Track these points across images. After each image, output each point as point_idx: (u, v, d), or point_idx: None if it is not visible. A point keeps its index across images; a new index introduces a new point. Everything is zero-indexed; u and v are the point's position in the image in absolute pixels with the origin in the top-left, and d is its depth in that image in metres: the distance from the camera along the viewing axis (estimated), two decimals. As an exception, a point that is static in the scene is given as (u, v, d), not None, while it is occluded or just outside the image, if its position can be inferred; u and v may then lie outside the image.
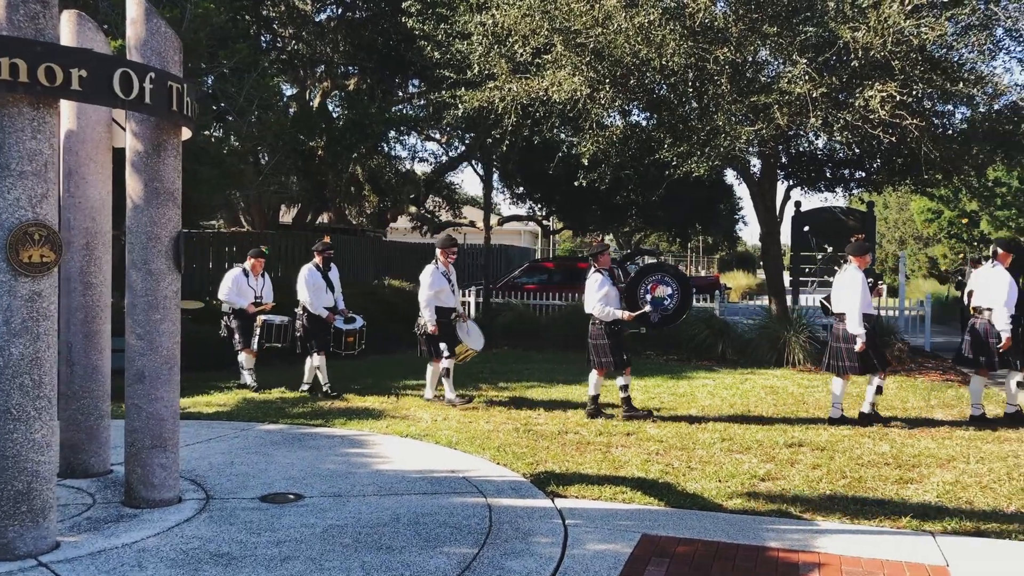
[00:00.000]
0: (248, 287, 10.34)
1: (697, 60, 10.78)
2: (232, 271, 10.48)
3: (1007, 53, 11.51)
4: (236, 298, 10.21)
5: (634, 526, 5.15)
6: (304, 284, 9.77)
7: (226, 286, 10.27)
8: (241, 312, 10.22)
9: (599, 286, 8.70)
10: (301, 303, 9.84)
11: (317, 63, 18.29)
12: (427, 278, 9.22)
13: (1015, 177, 22.08)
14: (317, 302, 9.78)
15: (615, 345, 8.67)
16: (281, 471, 6.25)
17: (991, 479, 6.40)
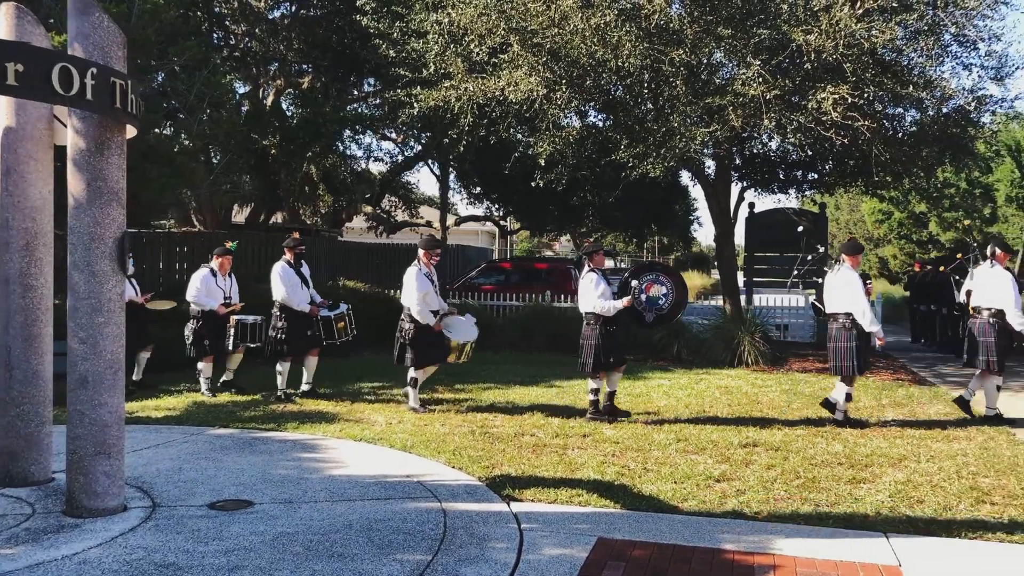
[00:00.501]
0: (217, 287, 9.98)
1: (653, 61, 10.80)
2: (200, 271, 10.05)
3: (954, 58, 11.69)
4: (206, 299, 9.84)
5: (590, 529, 5.12)
6: (280, 281, 9.46)
7: (194, 287, 9.86)
8: (211, 314, 9.86)
9: (596, 284, 8.68)
10: (278, 302, 9.53)
11: (270, 61, 18.04)
12: (412, 281, 8.83)
13: (963, 179, 22.53)
14: (297, 298, 9.48)
15: (610, 346, 8.65)
16: (231, 477, 6.12)
17: (941, 478, 6.48)
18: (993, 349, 8.86)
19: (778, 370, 12.50)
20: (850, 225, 33.34)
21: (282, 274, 9.50)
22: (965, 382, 11.82)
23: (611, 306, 8.62)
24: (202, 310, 9.83)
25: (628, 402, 9.72)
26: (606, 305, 8.61)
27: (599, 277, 8.74)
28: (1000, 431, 8.33)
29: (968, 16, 10.56)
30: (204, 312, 9.83)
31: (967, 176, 21.80)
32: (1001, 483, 6.38)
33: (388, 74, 13.52)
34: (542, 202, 22.40)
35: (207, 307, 9.83)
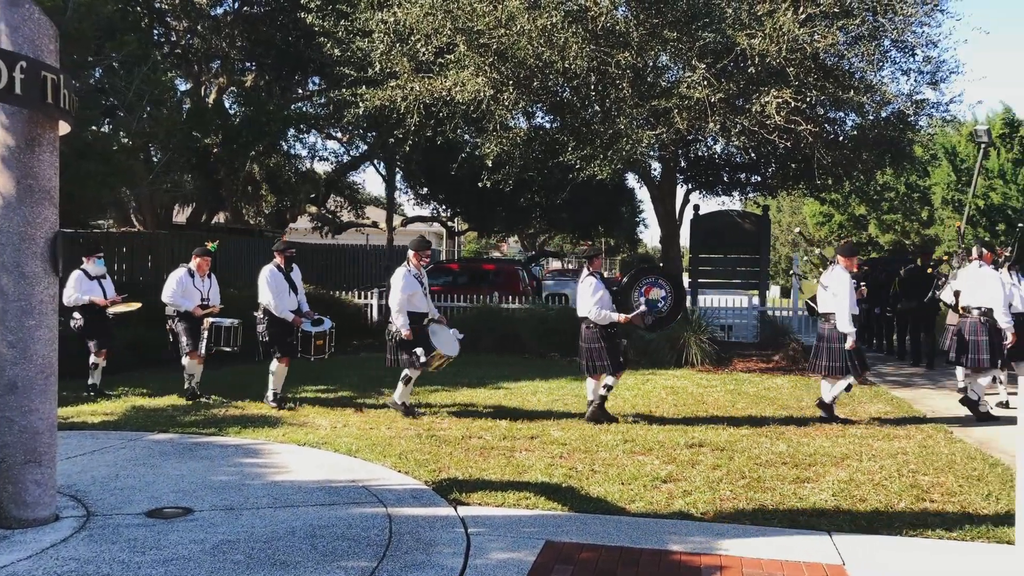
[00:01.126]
0: (194, 288, 9.72)
1: (599, 64, 10.83)
2: (177, 271, 9.80)
3: (893, 63, 11.94)
4: (181, 300, 9.60)
5: (538, 533, 5.08)
6: (266, 286, 9.15)
7: (170, 287, 9.62)
8: (187, 315, 9.61)
9: (594, 290, 8.66)
10: (263, 306, 9.21)
11: (213, 58, 17.69)
12: (399, 281, 8.66)
13: (902, 182, 23.05)
14: (281, 305, 9.16)
15: (611, 348, 8.64)
16: (170, 484, 5.95)
17: (883, 476, 6.58)
18: (984, 347, 9.12)
19: (723, 370, 12.62)
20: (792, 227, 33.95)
21: (270, 279, 9.19)
22: (906, 381, 12.11)
23: (605, 315, 8.62)
24: (178, 311, 9.60)
25: (576, 403, 9.72)
26: (601, 313, 8.62)
27: (598, 282, 8.75)
28: (939, 430, 8.50)
29: (907, 22, 10.80)
30: (180, 313, 9.60)
31: (906, 179, 22.30)
32: (940, 480, 6.50)
33: (333, 73, 13.35)
34: (490, 203, 22.36)
35: (183, 308, 9.58)
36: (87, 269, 9.96)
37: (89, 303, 9.80)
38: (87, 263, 10.01)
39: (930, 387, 11.60)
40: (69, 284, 9.78)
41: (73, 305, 9.79)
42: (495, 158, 12.23)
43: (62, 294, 9.85)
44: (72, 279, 9.83)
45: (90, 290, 9.86)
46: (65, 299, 9.76)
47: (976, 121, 22.30)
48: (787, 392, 10.76)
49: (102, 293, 9.95)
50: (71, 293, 9.74)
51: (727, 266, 16.65)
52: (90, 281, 9.92)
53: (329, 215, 23.47)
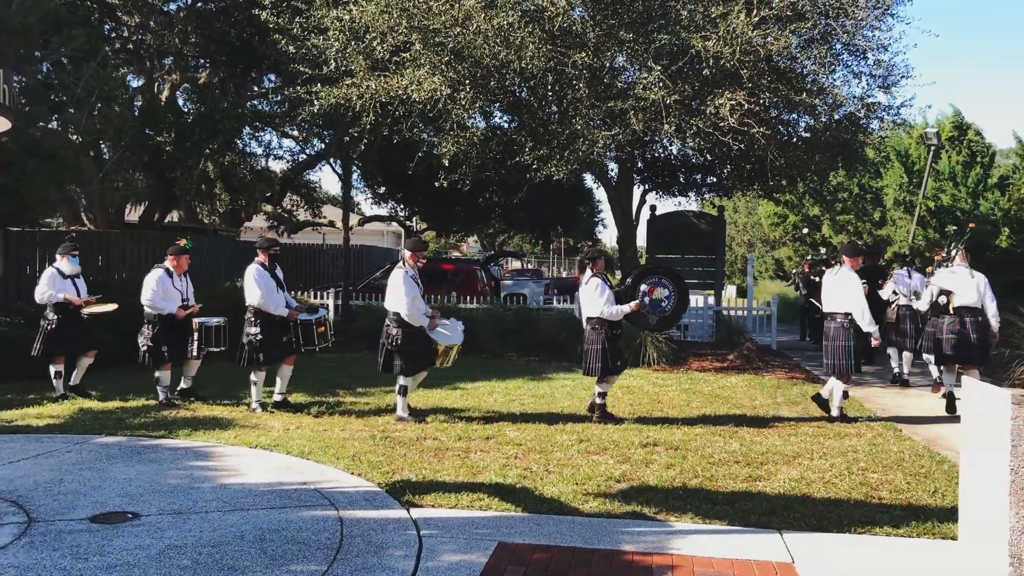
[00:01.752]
0: (174, 288, 9.29)
1: (556, 64, 10.84)
2: (154, 272, 9.30)
3: (845, 66, 12.09)
4: (163, 302, 9.14)
5: (491, 534, 5.06)
6: (255, 284, 8.78)
7: (149, 289, 9.13)
8: (170, 318, 9.17)
9: (601, 290, 8.73)
10: (253, 306, 8.82)
11: (165, 55, 17.40)
12: (400, 284, 8.40)
13: (855, 183, 23.42)
14: (273, 302, 8.83)
15: (614, 350, 8.71)
16: (117, 488, 5.83)
17: (833, 474, 6.66)
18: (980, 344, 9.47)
19: (678, 369, 12.71)
20: (748, 227, 34.33)
21: (257, 277, 8.84)
22: (858, 380, 12.27)
23: (618, 311, 8.73)
24: (159, 314, 9.15)
25: (532, 403, 9.73)
26: (613, 310, 8.70)
27: (603, 282, 8.80)
28: (888, 428, 8.64)
29: (857, 26, 10.95)
30: (161, 316, 9.15)
31: (859, 180, 22.66)
32: (888, 478, 6.60)
33: (288, 70, 13.20)
34: (448, 203, 22.29)
35: (165, 311, 9.15)
36: (61, 267, 9.57)
37: (64, 301, 9.45)
38: (61, 261, 9.62)
39: (880, 386, 11.80)
40: (42, 281, 9.48)
41: (46, 303, 9.46)
42: (452, 157, 12.18)
43: (35, 291, 9.63)
44: (45, 276, 9.51)
45: (64, 288, 9.50)
46: (38, 296, 9.50)
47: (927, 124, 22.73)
48: (741, 391, 10.86)
49: (76, 292, 9.61)
50: (44, 290, 9.41)
51: (683, 266, 16.73)
52: (64, 279, 9.54)
53: (285, 214, 23.23)
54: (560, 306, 16.35)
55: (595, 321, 8.77)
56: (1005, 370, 12.18)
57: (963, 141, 22.70)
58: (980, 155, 22.29)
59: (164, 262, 9.47)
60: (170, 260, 9.44)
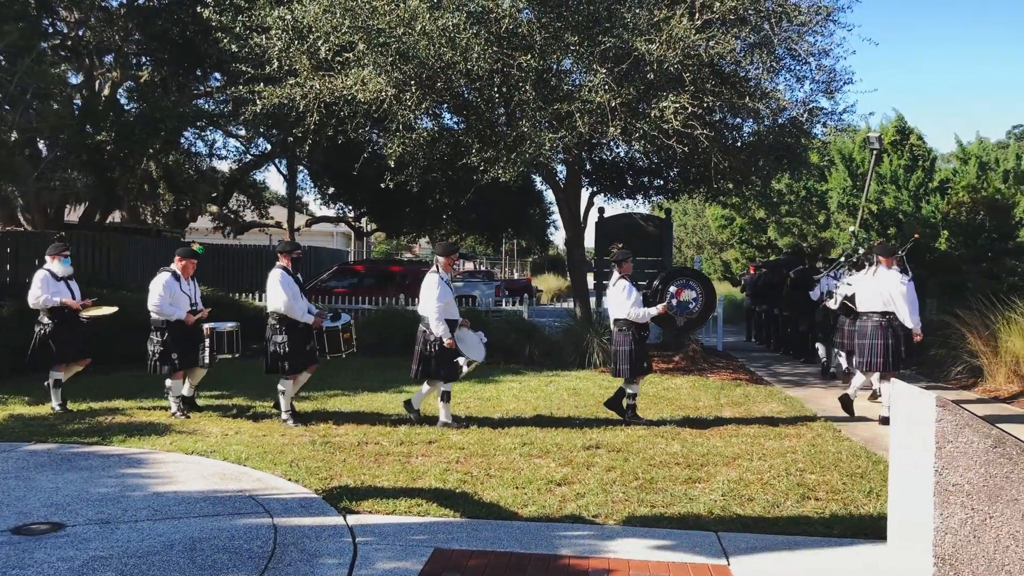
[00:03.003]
0: (182, 293, 8.86)
1: (503, 66, 10.82)
2: (161, 276, 8.80)
3: (788, 71, 12.25)
4: (171, 308, 8.70)
5: (427, 540, 5.01)
6: (280, 289, 8.44)
7: (156, 294, 8.67)
8: (178, 324, 8.76)
9: (628, 292, 8.78)
10: (277, 312, 8.49)
11: (105, 52, 17.01)
12: (434, 289, 8.35)
13: (800, 186, 23.74)
14: (298, 308, 8.53)
15: (640, 352, 8.78)
16: (43, 497, 5.67)
17: (771, 476, 6.73)
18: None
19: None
20: (697, 229, 34.66)
21: (282, 282, 8.49)
22: (799, 381, 12.46)
23: (645, 313, 8.83)
24: (167, 320, 8.72)
25: (478, 405, 9.70)
26: (640, 312, 8.78)
27: (630, 284, 8.84)
28: (828, 428, 8.76)
29: (800, 32, 11.10)
30: (170, 323, 8.73)
31: (804, 184, 22.96)
32: (825, 479, 6.69)
33: (231, 69, 12.99)
34: (396, 204, 22.13)
35: (174, 317, 8.72)
36: (52, 269, 9.09)
37: (60, 305, 8.98)
38: (52, 262, 9.13)
39: (822, 387, 11.97)
40: (34, 284, 8.99)
41: (41, 308, 8.99)
42: (398, 159, 12.08)
43: (27, 295, 9.11)
44: (37, 279, 9.00)
45: (59, 291, 9.02)
46: (31, 301, 9.01)
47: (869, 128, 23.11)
48: (685, 392, 10.94)
49: (71, 295, 9.15)
50: (38, 294, 8.93)
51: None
52: (57, 282, 9.06)
53: (231, 215, 22.88)
54: (510, 308, 16.33)
55: (622, 323, 8.86)
56: (942, 370, 12.47)
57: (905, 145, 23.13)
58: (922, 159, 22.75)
59: (171, 265, 9.02)
60: (178, 263, 8.99)
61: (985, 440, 3.73)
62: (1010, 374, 11.17)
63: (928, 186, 20.81)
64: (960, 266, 16.38)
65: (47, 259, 9.25)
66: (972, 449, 3.74)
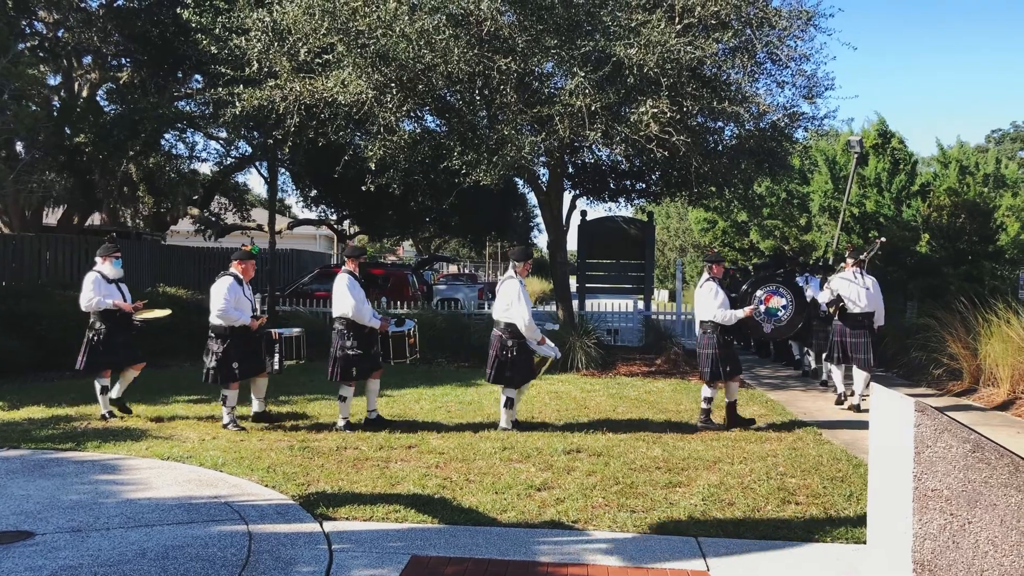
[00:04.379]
0: (245, 298, 8.48)
1: (484, 69, 10.77)
2: (224, 280, 8.39)
3: (769, 76, 12.26)
4: (236, 313, 8.29)
5: (404, 547, 4.95)
6: (349, 293, 8.30)
7: (221, 298, 8.24)
8: (244, 331, 8.36)
9: (715, 293, 8.77)
10: (346, 317, 8.35)
11: (84, 53, 16.85)
12: (520, 292, 8.32)
13: (782, 190, 23.84)
14: (366, 313, 8.40)
15: (726, 355, 8.75)
16: (13, 505, 5.57)
17: (752, 479, 6.71)
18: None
19: (607, 374, 12.74)
20: (680, 232, 34.77)
21: (350, 286, 8.36)
22: (781, 384, 12.48)
23: (731, 315, 8.78)
24: (231, 327, 8.31)
25: (460, 410, 9.64)
26: (727, 315, 8.75)
27: (718, 286, 8.84)
28: (809, 432, 8.75)
29: (781, 37, 11.10)
30: (233, 329, 8.32)
31: (785, 187, 23.06)
32: (806, 483, 6.67)
33: (211, 71, 12.88)
34: (379, 206, 22.04)
35: (239, 323, 8.31)
36: (103, 271, 8.82)
37: (112, 308, 8.72)
38: (103, 264, 8.86)
39: (802, 390, 11.98)
40: (86, 287, 8.72)
41: (93, 310, 8.73)
42: (379, 161, 12.01)
43: (79, 299, 8.85)
44: (89, 282, 8.73)
45: (111, 293, 8.76)
46: (83, 304, 8.74)
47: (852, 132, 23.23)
48: (667, 396, 10.92)
49: (123, 297, 8.89)
50: (90, 296, 8.66)
51: (614, 271, 16.89)
52: (108, 284, 8.80)
53: (212, 217, 22.72)
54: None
55: (708, 325, 8.87)
56: (922, 373, 12.51)
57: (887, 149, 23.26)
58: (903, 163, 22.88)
59: (230, 268, 8.63)
60: (237, 266, 8.60)
61: (964, 445, 3.71)
62: (989, 377, 11.21)
63: (909, 189, 20.94)
64: (941, 268, 16.47)
65: (97, 260, 8.97)
66: (951, 454, 3.72)
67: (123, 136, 14.06)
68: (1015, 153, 44.56)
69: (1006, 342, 10.94)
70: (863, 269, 10.38)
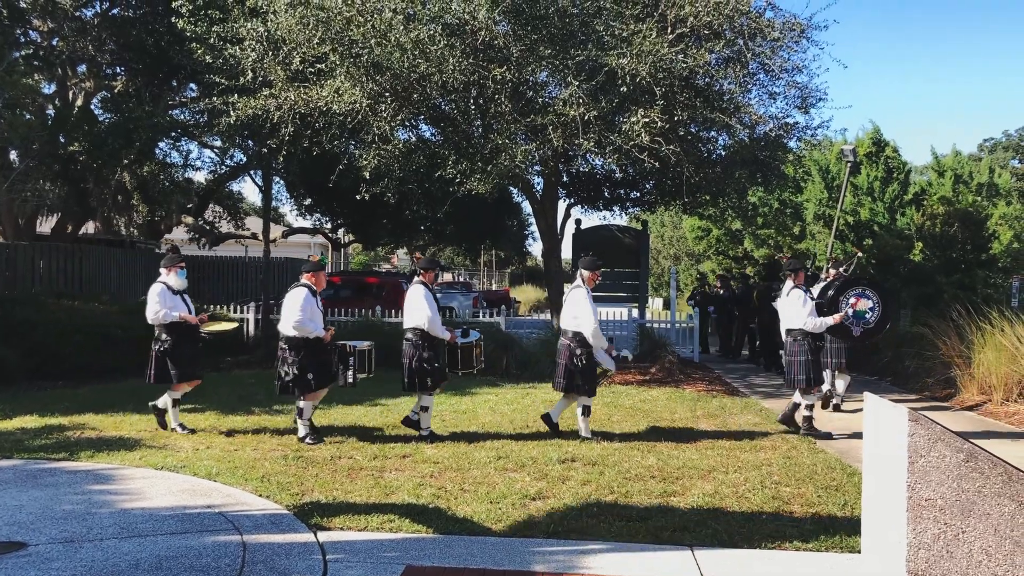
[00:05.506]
0: (317, 309, 8.39)
1: (478, 78, 10.80)
2: (299, 292, 8.26)
3: (762, 86, 12.31)
4: (311, 324, 8.20)
5: (399, 557, 4.95)
6: (425, 304, 8.34)
7: (297, 309, 8.13)
8: (317, 342, 8.26)
9: (804, 301, 8.88)
10: (421, 328, 8.37)
11: (78, 62, 16.85)
12: (589, 302, 8.43)
13: (775, 199, 23.89)
14: (440, 324, 8.48)
15: (815, 362, 8.92)
16: (5, 516, 5.55)
17: (746, 488, 6.71)
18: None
19: (601, 383, 12.70)
20: (674, 241, 34.76)
21: (426, 297, 8.42)
22: (775, 393, 12.49)
23: (821, 323, 8.92)
24: (306, 338, 8.22)
25: (454, 419, 9.63)
26: (816, 322, 8.87)
27: (805, 294, 8.93)
28: (803, 440, 8.76)
29: (773, 48, 11.16)
30: (307, 340, 8.22)
31: (779, 195, 23.10)
32: (800, 491, 6.67)
33: (206, 80, 12.89)
34: (374, 215, 22.07)
35: (313, 334, 8.22)
36: (168, 282, 8.66)
37: (179, 320, 8.56)
38: (168, 275, 8.70)
39: (798, 398, 11.97)
40: (152, 299, 8.53)
41: (160, 323, 8.54)
42: (373, 170, 12.02)
43: (146, 311, 8.66)
44: (154, 293, 8.54)
45: (176, 305, 8.61)
46: (151, 317, 8.55)
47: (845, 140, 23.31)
48: (662, 404, 10.93)
49: (188, 309, 8.76)
50: (157, 309, 8.48)
51: (608, 279, 16.89)
52: (174, 296, 8.65)
53: (207, 226, 22.71)
54: (487, 319, 16.27)
55: (797, 333, 8.95)
56: (916, 382, 12.54)
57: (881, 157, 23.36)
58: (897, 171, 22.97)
59: (301, 280, 8.53)
60: (309, 278, 8.50)
61: (957, 454, 3.72)
62: (983, 386, 11.24)
63: (903, 198, 21.02)
64: (934, 277, 16.52)
65: (162, 272, 8.81)
66: (944, 463, 3.73)
67: (118, 145, 14.06)
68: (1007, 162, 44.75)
69: (999, 350, 10.97)
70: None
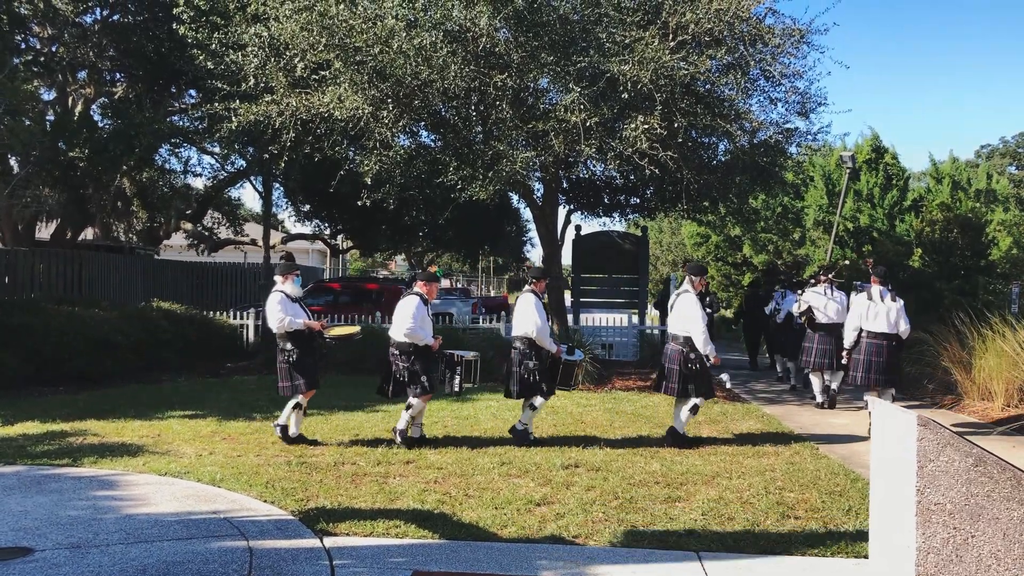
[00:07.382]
0: (428, 318, 8.43)
1: (480, 84, 10.82)
2: (412, 300, 8.33)
3: (762, 92, 12.31)
4: (422, 332, 8.26)
5: (405, 563, 4.94)
6: (536, 314, 8.37)
7: (410, 316, 8.19)
8: (426, 349, 8.33)
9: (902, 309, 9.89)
10: (529, 337, 8.43)
11: (79, 68, 16.86)
12: (696, 309, 8.46)
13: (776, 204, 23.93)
14: (548, 334, 8.52)
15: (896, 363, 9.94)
16: (11, 521, 5.54)
17: (751, 494, 6.71)
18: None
19: (602, 389, 12.74)
20: (673, 247, 34.80)
21: (537, 306, 8.42)
22: (776, 398, 12.51)
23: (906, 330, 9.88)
24: (416, 345, 8.27)
25: (456, 424, 9.63)
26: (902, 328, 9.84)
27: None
28: (805, 446, 8.76)
29: (774, 54, 11.17)
30: (417, 347, 8.28)
31: (780, 201, 23.15)
32: (805, 497, 6.68)
33: (207, 86, 12.91)
34: (373, 221, 22.09)
35: (423, 342, 8.28)
36: (285, 290, 8.46)
37: (303, 328, 8.39)
38: (284, 282, 8.51)
39: (797, 403, 12.01)
40: (274, 309, 8.31)
41: (284, 331, 8.32)
42: (374, 176, 12.02)
43: (269, 321, 8.49)
44: (275, 302, 8.34)
45: (297, 313, 8.43)
46: (275, 326, 8.35)
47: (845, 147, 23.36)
48: (664, 410, 10.91)
49: (307, 316, 8.61)
50: (281, 316, 8.26)
51: (608, 285, 16.94)
52: (293, 303, 8.45)
53: (206, 232, 22.70)
54: (487, 325, 16.27)
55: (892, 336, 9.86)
56: (917, 387, 12.56)
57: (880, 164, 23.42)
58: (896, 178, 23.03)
59: (414, 288, 8.58)
60: (422, 287, 8.53)
61: (966, 459, 3.73)
62: (984, 391, 11.25)
63: (902, 204, 21.07)
64: (934, 283, 16.55)
65: (277, 280, 8.63)
66: (953, 468, 3.74)
67: (118, 151, 14.07)
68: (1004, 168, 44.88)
69: (1000, 356, 10.99)
70: (833, 285, 11.73)
